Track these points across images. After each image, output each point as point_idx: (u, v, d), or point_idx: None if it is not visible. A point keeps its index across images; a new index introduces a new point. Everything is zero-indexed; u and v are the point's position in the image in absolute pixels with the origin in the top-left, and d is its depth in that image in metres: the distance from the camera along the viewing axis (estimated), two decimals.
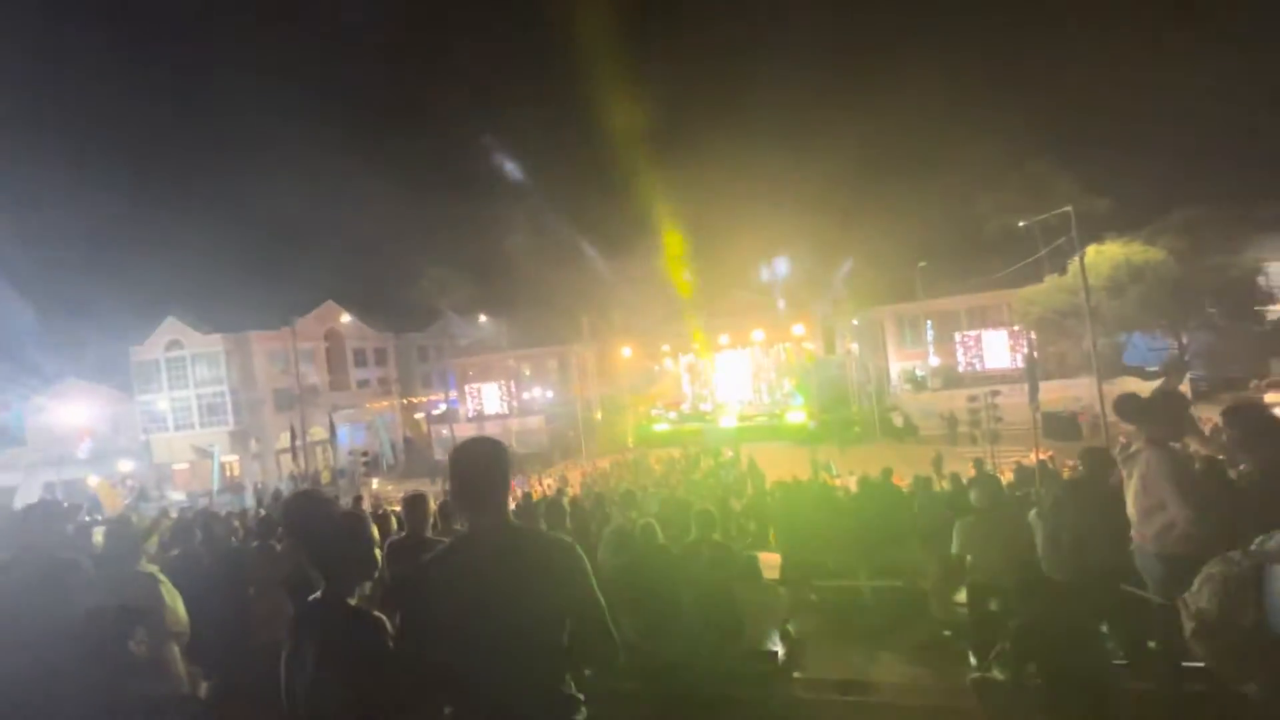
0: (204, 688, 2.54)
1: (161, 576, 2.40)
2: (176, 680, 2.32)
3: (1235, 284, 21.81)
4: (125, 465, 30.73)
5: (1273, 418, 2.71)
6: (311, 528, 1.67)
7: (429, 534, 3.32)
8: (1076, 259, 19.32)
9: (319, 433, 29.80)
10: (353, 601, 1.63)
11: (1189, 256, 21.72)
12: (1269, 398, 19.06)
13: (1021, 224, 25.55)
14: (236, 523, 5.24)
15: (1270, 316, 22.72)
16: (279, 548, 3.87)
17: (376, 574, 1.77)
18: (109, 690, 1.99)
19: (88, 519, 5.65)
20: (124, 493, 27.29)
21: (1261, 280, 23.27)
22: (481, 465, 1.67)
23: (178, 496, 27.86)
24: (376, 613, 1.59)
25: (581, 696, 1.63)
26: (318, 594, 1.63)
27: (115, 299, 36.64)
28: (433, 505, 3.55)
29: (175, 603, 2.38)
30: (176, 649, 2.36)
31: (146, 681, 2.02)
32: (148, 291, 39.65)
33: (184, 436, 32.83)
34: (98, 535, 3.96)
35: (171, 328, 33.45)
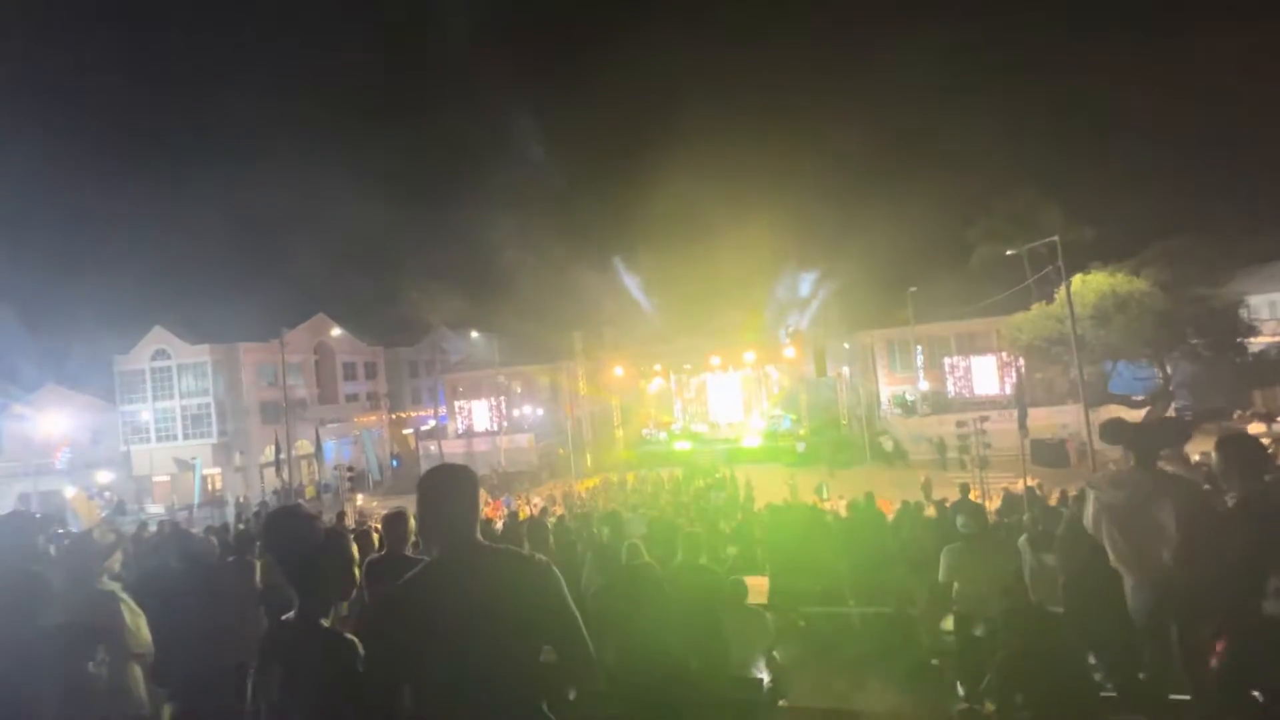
0: (167, 711, 2.45)
1: (123, 595, 2.32)
2: (137, 703, 2.23)
3: (1218, 316, 22.18)
4: (104, 476, 30.12)
5: (1263, 450, 2.74)
6: (291, 545, 1.64)
7: (408, 552, 3.26)
8: (1063, 288, 19.60)
9: (305, 446, 29.43)
10: (326, 623, 1.59)
11: (1173, 288, 22.10)
12: (1252, 429, 19.29)
13: (1010, 252, 26.03)
14: (213, 538, 5.12)
15: (1252, 349, 23.07)
16: (256, 564, 3.78)
17: (354, 594, 1.73)
18: (65, 712, 1.92)
19: (61, 531, 5.50)
20: (101, 505, 26.71)
21: (1243, 313, 23.69)
22: (445, 492, 1.67)
23: (156, 509, 27.32)
24: (349, 635, 1.55)
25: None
26: (290, 613, 1.59)
27: (101, 306, 36.34)
28: (413, 524, 3.49)
29: (137, 623, 2.29)
30: (139, 670, 2.28)
31: (105, 703, 1.95)
32: (135, 300, 39.38)
33: (166, 448, 32.29)
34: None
35: (159, 336, 33.11)
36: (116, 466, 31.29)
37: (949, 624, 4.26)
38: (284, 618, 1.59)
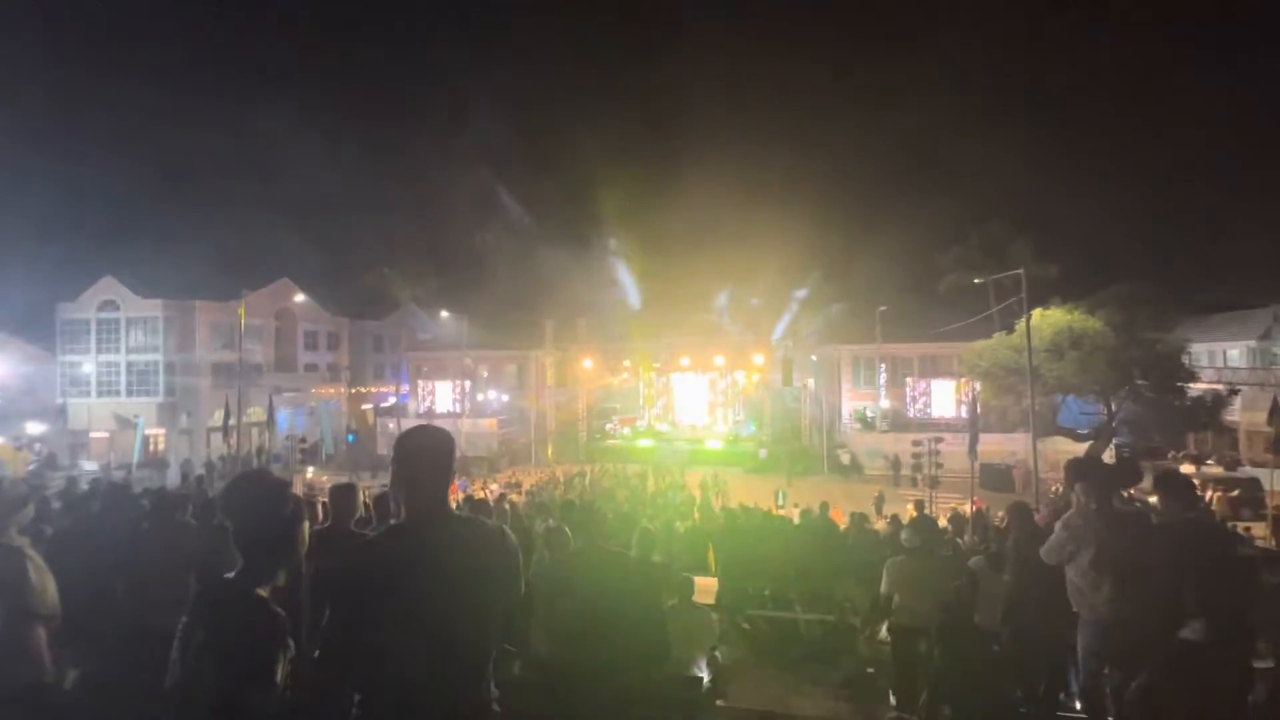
0: (71, 676, 2.30)
1: (30, 552, 2.16)
2: (40, 667, 2.09)
3: (1163, 359, 23.29)
4: (35, 428, 28.57)
5: (1193, 487, 3.03)
6: (255, 510, 1.56)
7: (353, 527, 3.16)
8: (1024, 320, 20.31)
9: (258, 414, 28.42)
10: (263, 592, 1.52)
11: (1124, 329, 23.13)
12: (1184, 469, 20.34)
13: (977, 281, 26.85)
14: (145, 501, 4.88)
15: (1191, 393, 24.30)
16: (189, 526, 3.61)
17: (297, 564, 1.67)
18: None
19: None
20: (30, 457, 25.35)
21: (1186, 359, 24.95)
22: (427, 453, 1.65)
23: (91, 466, 26.02)
24: (277, 608, 1.49)
25: (496, 693, 1.62)
26: (230, 574, 1.53)
27: (50, 250, 34.39)
28: (361, 498, 3.38)
29: (44, 582, 2.14)
30: (42, 633, 2.13)
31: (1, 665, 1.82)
32: (88, 248, 37.39)
33: (107, 404, 30.78)
34: None
35: (108, 286, 31.49)
36: (50, 419, 29.70)
37: (886, 634, 4.36)
38: (220, 578, 1.53)
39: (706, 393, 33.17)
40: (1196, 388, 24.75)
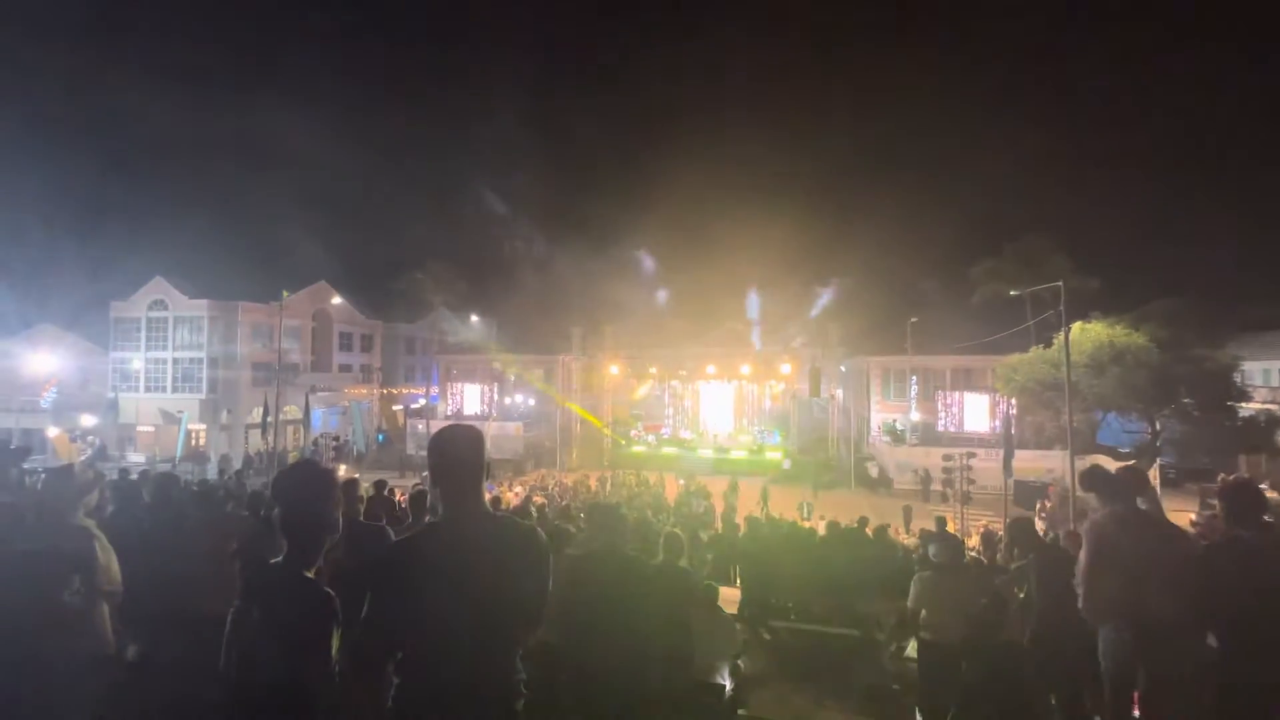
0: (131, 651, 2.45)
1: (98, 532, 2.32)
2: (104, 640, 2.23)
3: (1211, 377, 22.31)
4: (88, 420, 29.93)
5: (1262, 495, 2.85)
6: (305, 497, 1.66)
7: (359, 519, 3.30)
8: (1061, 333, 19.73)
9: (293, 412, 29.30)
10: (310, 574, 1.62)
11: (1170, 345, 22.25)
12: None
13: (1014, 293, 26.20)
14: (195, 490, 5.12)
15: (1242, 413, 23.22)
16: (236, 517, 3.78)
17: (335, 541, 1.76)
18: (32, 639, 1.92)
19: (37, 465, 5.48)
20: (83, 447, 26.56)
21: (1237, 377, 23.86)
22: (465, 452, 1.71)
23: (138, 459, 27.15)
24: (328, 589, 1.57)
25: (523, 688, 1.67)
26: (279, 559, 1.62)
27: (105, 251, 36.12)
28: (363, 491, 3.51)
29: (110, 560, 2.29)
30: (107, 609, 2.28)
31: (71, 637, 1.95)
32: (139, 249, 39.12)
33: (153, 399, 32.11)
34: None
35: (158, 286, 32.93)
36: (102, 412, 31.09)
37: (913, 649, 4.29)
38: (271, 562, 1.62)
39: (733, 401, 32.97)
40: (1249, 407, 23.64)
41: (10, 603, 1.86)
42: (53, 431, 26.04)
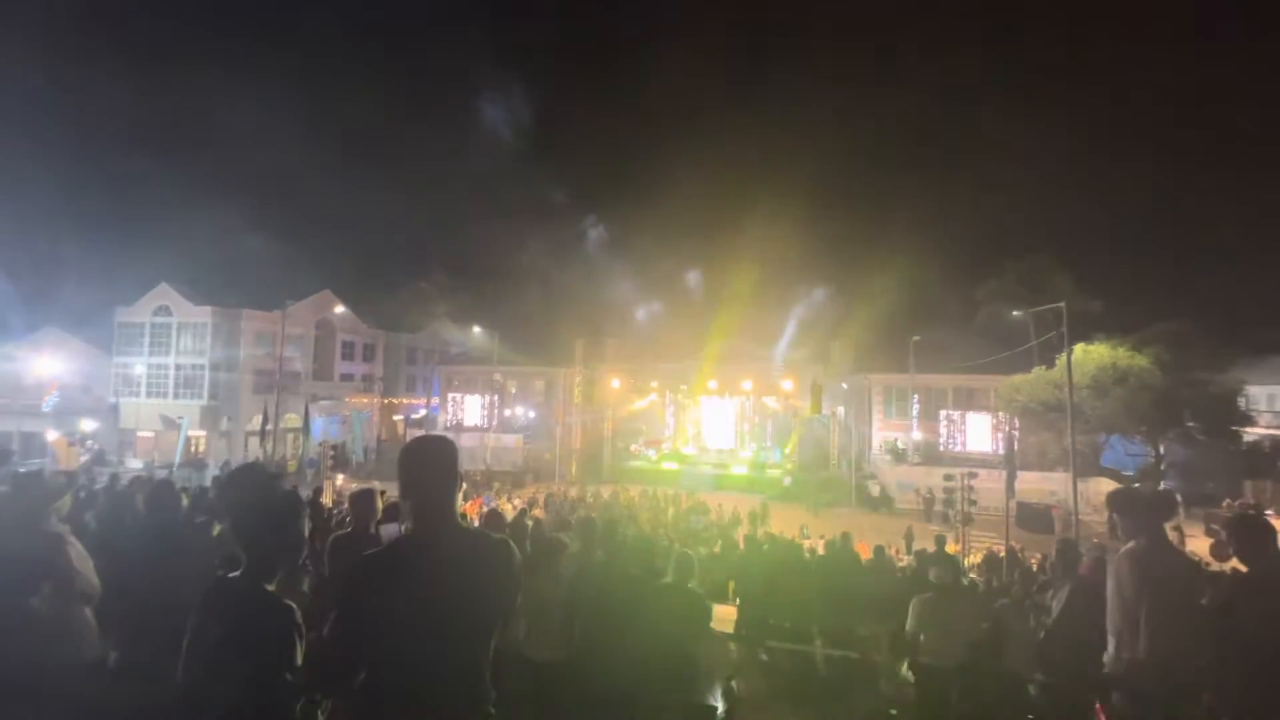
0: (112, 657, 2.40)
1: (71, 539, 2.28)
2: (87, 646, 2.18)
3: (1216, 401, 22.17)
4: (88, 425, 29.93)
5: (1271, 530, 2.79)
6: (246, 502, 1.62)
7: (374, 530, 3.23)
8: (1064, 354, 19.66)
9: (294, 420, 29.28)
10: (270, 587, 1.56)
11: (1174, 368, 22.14)
12: None
13: (1016, 314, 26.17)
14: (184, 497, 5.07)
15: (1247, 438, 23.04)
16: (217, 528, 3.73)
17: (300, 560, 1.71)
18: (3, 650, 1.88)
19: (22, 469, 5.45)
20: (82, 452, 26.53)
21: (1242, 401, 23.70)
22: (436, 464, 1.66)
23: (136, 464, 27.09)
24: (288, 601, 1.53)
25: (493, 694, 1.63)
26: (236, 572, 1.57)
27: (111, 257, 36.38)
28: (380, 502, 3.46)
29: (85, 566, 2.25)
30: (87, 612, 2.23)
31: (44, 642, 1.90)
32: (146, 255, 39.39)
33: (154, 404, 32.12)
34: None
35: (163, 293, 33.11)
36: (103, 417, 31.10)
37: (906, 672, 4.20)
38: (230, 575, 1.57)
39: (733, 417, 32.87)
40: (1254, 432, 23.45)
41: None
42: (53, 435, 26.05)
